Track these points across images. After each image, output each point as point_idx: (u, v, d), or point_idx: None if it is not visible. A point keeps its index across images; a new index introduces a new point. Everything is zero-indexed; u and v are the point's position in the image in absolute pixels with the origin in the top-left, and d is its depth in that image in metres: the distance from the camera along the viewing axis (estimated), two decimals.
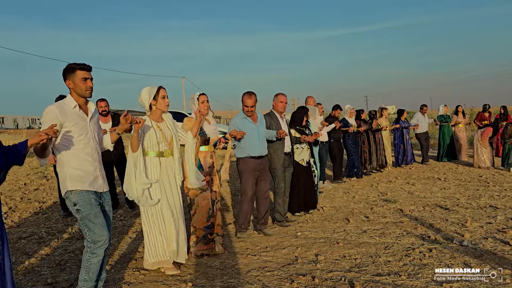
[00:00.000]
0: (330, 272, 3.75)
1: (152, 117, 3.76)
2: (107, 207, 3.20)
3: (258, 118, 5.02)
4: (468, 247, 4.22)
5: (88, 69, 3.04)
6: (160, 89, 3.73)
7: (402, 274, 3.59)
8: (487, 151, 9.96)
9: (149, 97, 3.70)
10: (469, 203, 6.27)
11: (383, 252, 4.23)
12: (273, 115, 5.52)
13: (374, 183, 8.50)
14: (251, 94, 4.87)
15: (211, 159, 4.47)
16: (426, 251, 4.16)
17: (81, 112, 3.06)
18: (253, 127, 4.90)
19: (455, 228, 4.95)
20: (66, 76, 3.01)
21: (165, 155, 3.78)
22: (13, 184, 9.23)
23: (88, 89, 3.02)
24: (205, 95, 4.43)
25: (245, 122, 4.90)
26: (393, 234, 4.85)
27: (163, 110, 3.78)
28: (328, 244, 4.58)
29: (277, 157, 5.36)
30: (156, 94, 3.71)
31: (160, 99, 3.72)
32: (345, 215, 5.91)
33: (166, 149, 3.78)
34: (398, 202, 6.60)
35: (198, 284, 3.60)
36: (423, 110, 11.52)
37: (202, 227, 4.30)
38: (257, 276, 3.74)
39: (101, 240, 3.01)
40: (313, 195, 6.16)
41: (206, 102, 4.39)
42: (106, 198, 3.20)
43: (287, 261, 4.11)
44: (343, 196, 7.28)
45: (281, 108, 5.51)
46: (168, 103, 3.79)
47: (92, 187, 3.04)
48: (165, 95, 3.76)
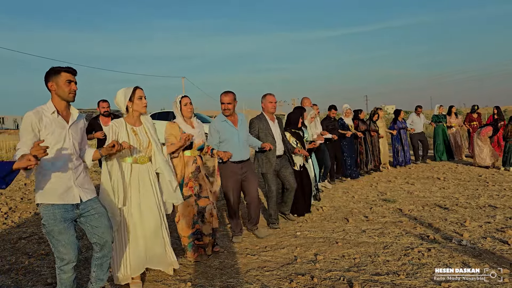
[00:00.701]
0: (329, 271, 3.76)
1: (128, 120, 3.53)
2: (93, 212, 3.00)
3: (239, 121, 4.74)
4: (467, 247, 4.23)
5: (74, 72, 2.94)
6: (137, 90, 3.49)
7: (401, 273, 3.60)
8: (487, 150, 9.96)
9: (125, 98, 3.47)
10: (468, 203, 6.28)
11: (382, 251, 4.24)
12: (263, 118, 5.27)
13: (373, 183, 8.51)
14: (227, 92, 4.64)
15: (195, 163, 4.21)
16: (425, 250, 4.17)
17: (60, 119, 2.89)
18: (233, 131, 4.64)
19: (454, 228, 4.96)
20: (49, 78, 2.88)
21: (140, 161, 3.51)
22: (13, 185, 9.23)
23: (71, 92, 2.89)
24: (187, 97, 4.23)
25: (225, 125, 4.64)
26: (392, 233, 4.86)
27: (140, 112, 3.55)
28: (327, 244, 4.59)
29: (268, 162, 5.17)
30: (132, 95, 3.47)
31: (137, 100, 3.49)
32: (344, 214, 5.92)
33: (141, 155, 3.51)
34: (397, 201, 6.60)
35: (198, 284, 3.61)
36: (417, 111, 11.45)
37: (187, 234, 4.12)
38: (256, 275, 3.75)
39: (65, 259, 2.84)
40: (309, 199, 6.03)
41: (189, 104, 4.20)
42: (88, 204, 2.99)
43: (286, 260, 4.12)
44: (343, 196, 7.29)
45: (271, 109, 5.28)
46: (146, 104, 3.54)
47: (62, 200, 2.83)
48: (142, 95, 3.51)
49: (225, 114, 4.64)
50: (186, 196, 4.08)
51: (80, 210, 2.95)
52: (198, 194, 4.17)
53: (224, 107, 4.59)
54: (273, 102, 5.28)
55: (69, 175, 2.90)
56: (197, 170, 4.19)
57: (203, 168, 4.29)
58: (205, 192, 4.22)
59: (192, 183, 4.14)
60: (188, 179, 4.13)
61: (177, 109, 4.21)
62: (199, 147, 4.26)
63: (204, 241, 4.23)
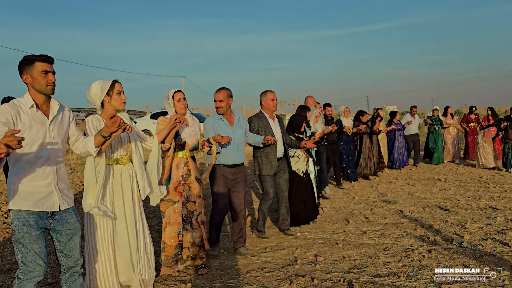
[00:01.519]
0: (329, 273, 3.76)
1: (104, 116, 3.15)
2: (68, 227, 2.64)
3: (235, 121, 4.38)
4: (467, 249, 4.23)
5: (50, 61, 2.58)
6: (116, 83, 3.14)
7: (401, 275, 3.60)
8: (491, 151, 9.95)
9: (101, 92, 3.10)
10: (469, 204, 6.28)
11: (383, 253, 4.24)
12: (262, 117, 4.92)
13: (374, 184, 8.50)
14: (220, 89, 4.30)
15: (187, 166, 3.88)
16: (425, 252, 4.16)
17: (40, 113, 2.55)
18: (228, 131, 4.26)
19: (455, 229, 4.95)
20: (22, 69, 2.53)
21: (121, 162, 3.18)
22: None
23: (49, 84, 2.55)
24: (181, 92, 3.92)
25: (220, 124, 4.29)
26: (392, 235, 4.85)
27: (118, 109, 3.18)
28: (328, 245, 4.59)
29: (269, 163, 4.80)
30: (110, 88, 3.11)
31: (115, 95, 3.12)
32: (345, 216, 5.91)
33: (122, 155, 3.18)
34: (398, 203, 6.60)
35: (198, 285, 3.61)
36: (412, 111, 11.27)
37: (174, 244, 3.79)
38: (256, 276, 3.75)
39: (33, 272, 2.45)
40: (315, 206, 5.67)
41: (182, 100, 3.89)
42: (65, 216, 2.63)
43: (286, 261, 4.12)
44: (343, 197, 7.29)
45: (273, 107, 4.94)
46: (125, 100, 3.20)
47: (38, 207, 2.49)
48: (121, 90, 3.16)
49: (218, 112, 4.31)
50: (174, 201, 3.79)
51: (55, 221, 2.60)
52: (187, 197, 3.87)
53: (217, 105, 4.26)
54: (275, 100, 4.96)
55: (50, 178, 2.57)
56: (188, 174, 3.88)
57: (194, 170, 3.96)
58: (193, 197, 3.91)
59: (181, 187, 3.83)
60: (178, 183, 3.81)
61: (169, 105, 3.89)
62: (192, 147, 3.94)
63: (193, 252, 3.86)
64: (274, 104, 4.94)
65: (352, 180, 8.78)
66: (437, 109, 11.54)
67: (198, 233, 3.88)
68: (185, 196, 3.85)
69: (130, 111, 24.55)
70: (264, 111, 4.97)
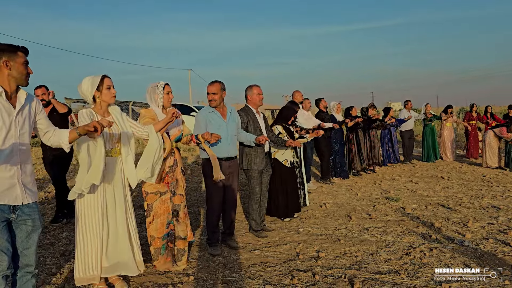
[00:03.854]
0: (330, 269, 3.79)
1: (96, 110, 3.28)
2: (29, 223, 2.53)
3: (228, 114, 4.33)
4: (468, 248, 4.25)
5: (27, 53, 2.55)
6: (105, 79, 3.24)
7: (402, 272, 3.62)
8: (498, 151, 9.92)
9: (92, 87, 3.21)
10: (472, 203, 6.28)
11: (384, 250, 4.26)
12: (249, 111, 4.84)
13: (377, 181, 8.51)
14: (214, 81, 4.24)
15: (173, 156, 3.85)
16: (426, 250, 4.19)
17: (7, 103, 2.45)
18: (222, 123, 4.22)
19: (457, 228, 4.97)
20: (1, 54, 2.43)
21: (112, 154, 3.28)
22: None
23: (28, 76, 2.54)
24: (169, 86, 3.89)
25: (213, 116, 4.23)
26: (394, 232, 4.87)
27: (109, 103, 3.31)
28: (330, 241, 4.61)
29: (258, 157, 4.75)
30: (100, 84, 3.22)
31: (105, 90, 3.24)
32: (347, 212, 5.94)
33: (113, 147, 3.29)
34: (400, 200, 6.61)
35: (200, 278, 3.65)
36: (408, 105, 11.08)
37: (161, 235, 3.76)
38: (258, 271, 3.79)
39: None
40: (297, 198, 5.72)
41: (171, 93, 3.88)
42: (27, 212, 2.51)
43: (288, 256, 4.16)
44: (346, 193, 7.31)
45: (258, 102, 4.85)
46: (115, 94, 3.31)
47: (0, 199, 2.39)
48: (110, 85, 3.27)
49: (211, 105, 4.26)
50: (162, 192, 3.77)
51: (16, 216, 2.48)
52: (174, 190, 3.84)
53: (210, 97, 4.21)
54: (261, 94, 4.86)
55: (13, 171, 2.45)
56: (175, 164, 3.86)
57: (180, 161, 3.94)
58: (180, 189, 3.89)
59: (169, 178, 3.81)
60: (165, 174, 3.79)
61: (156, 96, 3.81)
62: (176, 138, 3.90)
63: (178, 245, 3.87)
64: (260, 99, 4.86)
65: (343, 177, 8.66)
66: (429, 104, 11.31)
67: (184, 226, 3.89)
68: (172, 190, 3.83)
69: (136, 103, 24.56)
70: (250, 106, 4.90)
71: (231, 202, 4.42)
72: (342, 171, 8.68)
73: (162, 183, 3.77)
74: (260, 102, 4.87)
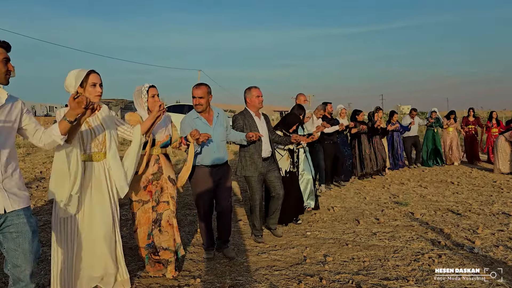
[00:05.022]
0: (338, 274, 3.77)
1: None
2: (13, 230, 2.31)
3: (214, 118, 4.10)
4: (478, 255, 4.20)
5: (8, 48, 2.31)
6: (91, 74, 2.90)
7: (410, 279, 3.59)
8: (509, 156, 9.80)
9: (76, 82, 2.86)
10: (482, 209, 6.22)
11: (392, 255, 4.23)
12: (247, 114, 4.64)
13: (386, 185, 8.46)
14: (200, 84, 4.02)
15: (157, 164, 3.61)
16: (435, 256, 4.15)
17: None
18: (207, 129, 3.98)
19: (466, 234, 4.92)
20: None
21: (94, 158, 2.97)
22: (29, 172, 9.39)
23: (8, 74, 2.32)
24: (155, 88, 3.63)
25: (198, 123, 4.00)
26: (403, 237, 4.83)
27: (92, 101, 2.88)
28: (337, 245, 4.59)
29: (253, 164, 4.55)
30: (84, 79, 2.88)
31: (89, 86, 2.89)
32: (356, 216, 5.90)
33: (95, 151, 2.98)
34: (409, 205, 6.56)
35: (207, 280, 3.65)
36: (412, 114, 10.99)
37: (144, 245, 3.61)
38: (265, 274, 3.77)
39: None
40: (300, 203, 5.53)
41: (157, 97, 3.62)
42: (12, 219, 2.30)
43: (295, 260, 4.14)
44: (354, 197, 7.27)
45: (258, 104, 4.64)
46: (100, 92, 2.95)
47: None
48: (96, 82, 2.91)
49: (197, 110, 4.03)
50: (144, 201, 3.57)
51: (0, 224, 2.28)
52: (158, 199, 3.62)
53: (196, 101, 3.97)
54: (260, 96, 4.65)
55: None
56: (159, 171, 3.61)
57: (167, 169, 3.68)
58: (166, 197, 3.64)
59: (151, 186, 3.58)
60: (148, 182, 3.57)
61: (141, 100, 3.57)
62: (162, 144, 3.68)
63: (163, 256, 3.64)
64: (259, 101, 4.65)
65: (344, 180, 8.44)
66: (435, 111, 11.25)
67: (167, 236, 3.63)
68: (156, 199, 3.61)
69: None
70: (249, 109, 4.69)
71: (223, 209, 4.19)
72: (346, 175, 8.46)
73: (144, 192, 3.57)
74: (259, 105, 4.67)
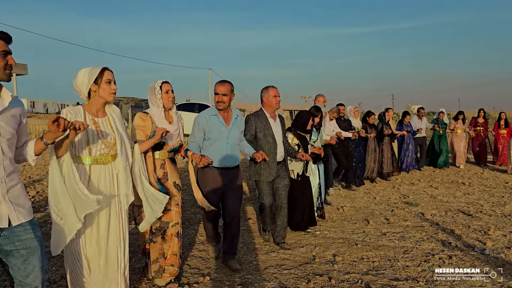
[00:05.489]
0: (347, 273, 3.76)
1: (88, 108, 2.75)
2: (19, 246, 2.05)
3: (232, 120, 3.86)
4: (489, 256, 4.17)
5: (8, 40, 2.04)
6: (105, 71, 2.74)
7: (420, 280, 3.57)
8: None
9: (89, 80, 2.69)
10: (493, 210, 6.16)
11: (402, 256, 4.21)
12: (262, 116, 4.34)
13: (396, 185, 8.41)
14: (224, 81, 3.80)
15: (163, 168, 3.41)
16: (446, 257, 4.12)
17: None
18: (223, 130, 3.77)
19: (477, 236, 4.88)
20: None
21: (101, 161, 2.71)
22: (41, 169, 9.49)
23: (8, 68, 2.04)
24: (169, 84, 3.44)
25: (215, 122, 3.76)
26: (413, 238, 4.81)
27: (106, 100, 2.77)
28: (347, 245, 4.58)
29: (267, 168, 4.28)
30: (98, 76, 2.71)
31: (104, 84, 2.72)
32: (365, 216, 5.88)
33: (103, 154, 2.72)
34: (420, 205, 6.52)
35: (216, 278, 3.66)
36: (420, 113, 10.70)
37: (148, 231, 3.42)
38: (274, 273, 3.78)
39: None
40: (312, 212, 5.15)
41: (171, 92, 3.41)
42: (18, 232, 2.06)
43: (304, 259, 4.14)
44: (364, 197, 7.25)
45: (275, 104, 4.35)
46: (115, 90, 2.78)
47: None
48: (111, 79, 2.75)
49: (218, 108, 3.79)
50: None
51: (2, 238, 2.02)
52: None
53: (218, 98, 3.73)
54: (278, 96, 4.36)
55: None
56: (164, 177, 3.41)
57: (172, 174, 3.48)
58: (170, 205, 3.40)
59: None
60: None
61: (155, 97, 3.37)
62: (171, 149, 3.47)
63: (163, 264, 3.44)
64: (276, 101, 4.36)
65: (356, 184, 8.24)
66: (443, 111, 11.05)
67: (168, 245, 3.44)
68: None
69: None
70: (265, 109, 4.40)
71: (231, 216, 3.90)
72: (358, 178, 8.31)
73: None
74: (277, 105, 4.39)
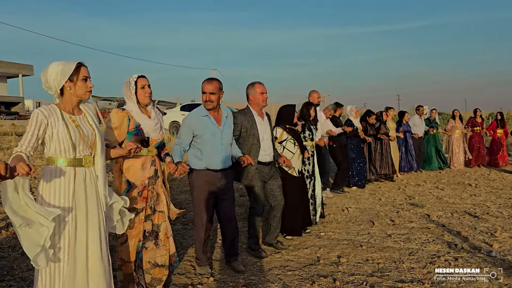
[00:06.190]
0: (352, 275, 3.73)
1: (63, 106, 2.48)
2: None
3: (223, 119, 3.69)
4: (496, 258, 4.12)
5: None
6: (81, 67, 2.47)
7: (426, 282, 3.54)
8: None
9: (62, 76, 2.41)
10: (500, 212, 6.10)
11: (407, 258, 4.17)
12: (249, 113, 4.11)
13: (401, 186, 8.37)
14: (211, 79, 3.63)
15: (154, 166, 3.20)
16: (452, 259, 4.08)
17: None
18: (216, 130, 3.60)
19: (484, 237, 4.83)
20: None
21: (85, 163, 2.48)
22: None
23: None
24: (145, 78, 3.17)
25: (206, 122, 3.59)
26: (418, 240, 4.77)
27: (82, 98, 2.53)
28: (351, 247, 4.55)
29: (257, 171, 4.10)
30: (74, 73, 2.43)
31: (80, 81, 2.46)
32: (370, 217, 5.85)
33: (86, 155, 2.49)
34: (425, 206, 6.48)
35: (220, 279, 3.65)
36: (419, 111, 10.44)
37: (133, 260, 3.13)
38: (278, 275, 3.76)
39: None
40: (308, 212, 5.07)
41: (147, 87, 3.15)
42: None
43: (309, 261, 4.12)
44: (369, 198, 7.21)
45: (262, 102, 4.12)
46: (91, 88, 2.52)
47: None
48: (87, 76, 2.50)
49: (207, 108, 3.60)
50: (138, 209, 3.12)
51: None
52: (154, 207, 3.22)
53: (206, 97, 3.55)
54: (265, 93, 4.13)
55: None
56: (155, 175, 3.21)
57: (161, 172, 3.31)
58: (162, 205, 3.25)
59: (147, 192, 3.15)
60: (143, 187, 3.14)
61: (130, 93, 3.12)
62: (157, 144, 3.24)
63: (154, 274, 3.23)
64: (263, 99, 4.13)
65: (359, 186, 8.03)
66: (435, 109, 10.87)
67: (163, 250, 3.27)
68: (152, 206, 3.21)
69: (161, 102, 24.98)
70: (251, 107, 4.16)
71: (228, 218, 3.79)
72: (360, 180, 8.09)
73: (140, 198, 3.14)
74: (263, 103, 4.16)
